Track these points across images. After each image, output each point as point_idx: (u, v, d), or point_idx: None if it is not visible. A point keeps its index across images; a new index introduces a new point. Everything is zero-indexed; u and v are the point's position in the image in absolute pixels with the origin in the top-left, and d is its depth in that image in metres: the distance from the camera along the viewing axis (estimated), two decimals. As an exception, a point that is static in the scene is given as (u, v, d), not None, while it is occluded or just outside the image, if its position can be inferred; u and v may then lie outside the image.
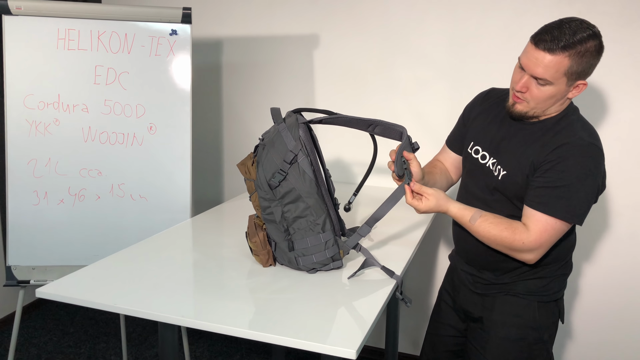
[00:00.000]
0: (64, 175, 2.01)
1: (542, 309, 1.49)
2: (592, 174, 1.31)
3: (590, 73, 1.32)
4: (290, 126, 1.40)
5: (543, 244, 1.34)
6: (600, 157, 1.33)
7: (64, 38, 1.94)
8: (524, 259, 1.38)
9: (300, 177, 1.37)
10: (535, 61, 1.28)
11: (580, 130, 1.34)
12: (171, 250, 1.58)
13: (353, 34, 2.40)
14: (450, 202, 1.42)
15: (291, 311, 1.22)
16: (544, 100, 1.33)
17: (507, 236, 1.34)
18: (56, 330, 2.86)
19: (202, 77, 2.70)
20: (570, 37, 1.24)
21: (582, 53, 1.25)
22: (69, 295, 1.28)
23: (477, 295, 1.57)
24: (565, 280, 1.53)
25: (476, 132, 1.55)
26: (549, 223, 1.32)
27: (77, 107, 1.98)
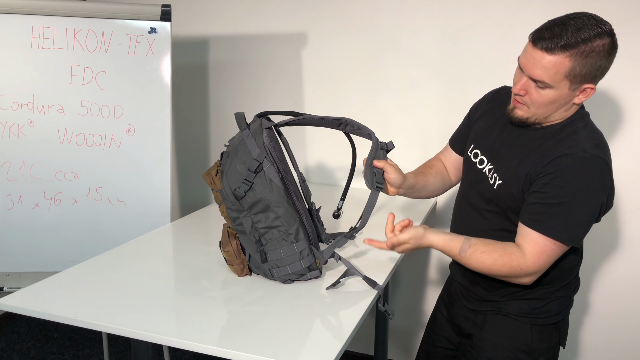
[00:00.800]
0: (39, 179, 1.94)
1: (537, 332, 1.37)
2: (595, 191, 1.17)
3: (601, 76, 1.17)
4: (255, 132, 1.33)
5: (541, 266, 1.23)
6: (605, 172, 1.18)
7: (38, 36, 1.87)
8: (521, 282, 1.28)
9: (267, 186, 1.29)
10: (533, 62, 1.16)
11: (585, 140, 1.20)
12: (145, 258, 1.51)
13: (342, 32, 2.33)
14: (433, 236, 1.29)
15: (264, 325, 1.15)
16: (544, 105, 1.20)
17: (503, 264, 1.22)
18: (40, 336, 2.80)
19: (187, 77, 2.63)
20: (572, 35, 1.11)
21: (587, 53, 1.11)
22: (29, 307, 1.21)
23: (469, 310, 1.48)
24: (567, 302, 1.40)
25: (477, 133, 1.43)
26: (547, 245, 1.20)
27: (53, 107, 1.91)
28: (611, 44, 1.14)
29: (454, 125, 1.64)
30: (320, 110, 2.44)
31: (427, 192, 1.55)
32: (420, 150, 2.30)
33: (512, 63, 2.09)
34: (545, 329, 1.38)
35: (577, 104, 1.22)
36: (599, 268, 2.12)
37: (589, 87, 1.17)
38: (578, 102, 1.21)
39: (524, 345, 1.37)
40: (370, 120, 2.36)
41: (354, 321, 1.18)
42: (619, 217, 2.06)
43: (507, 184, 1.29)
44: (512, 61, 2.09)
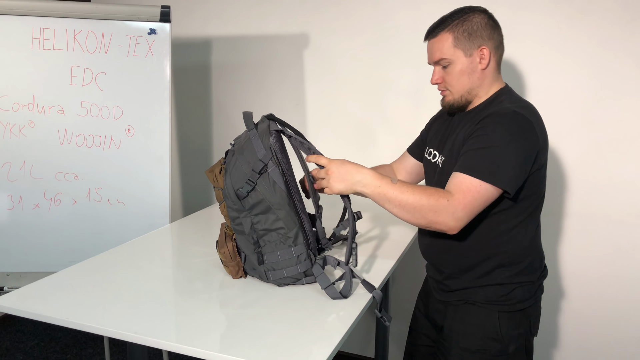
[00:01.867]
0: (39, 179, 1.95)
1: (504, 320, 1.40)
2: (515, 139, 1.25)
3: (491, 42, 1.34)
4: (262, 133, 1.32)
5: (467, 206, 1.22)
6: (526, 125, 1.27)
7: (38, 37, 1.88)
8: (448, 226, 1.23)
9: (270, 188, 1.28)
10: (430, 52, 1.40)
11: (507, 102, 1.34)
12: (142, 259, 1.51)
13: (344, 33, 2.32)
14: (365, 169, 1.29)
15: (257, 328, 1.14)
16: (457, 80, 1.37)
17: (431, 195, 1.23)
18: (43, 335, 2.81)
19: (190, 78, 2.63)
20: (446, 19, 1.36)
21: (461, 23, 1.33)
22: (21, 308, 1.21)
23: (441, 303, 1.52)
24: (533, 289, 1.42)
25: (431, 138, 1.57)
26: (473, 184, 1.23)
27: (53, 108, 1.92)
28: (485, 16, 1.35)
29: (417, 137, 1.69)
30: (322, 110, 2.43)
31: None
32: (422, 151, 2.28)
33: (514, 63, 2.07)
34: (513, 315, 1.40)
35: (484, 68, 1.36)
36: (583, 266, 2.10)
37: (483, 48, 1.34)
38: (484, 67, 1.36)
39: (493, 333, 1.40)
40: (372, 121, 2.34)
41: (346, 325, 1.17)
42: (625, 220, 2.04)
43: (448, 157, 1.40)
44: (515, 61, 2.07)
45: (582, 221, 2.08)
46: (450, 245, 1.42)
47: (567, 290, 2.15)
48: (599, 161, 2.02)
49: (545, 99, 2.05)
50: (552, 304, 2.18)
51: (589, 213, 2.07)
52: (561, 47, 2.00)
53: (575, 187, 2.07)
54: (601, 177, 2.03)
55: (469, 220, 1.25)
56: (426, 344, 1.62)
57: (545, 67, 2.03)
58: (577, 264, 2.12)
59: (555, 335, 2.20)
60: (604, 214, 2.05)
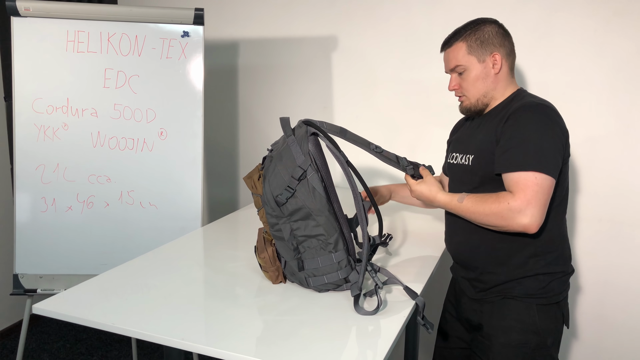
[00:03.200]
0: (72, 182, 1.95)
1: (542, 313, 1.43)
2: (548, 127, 1.32)
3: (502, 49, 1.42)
4: (300, 139, 1.30)
5: (531, 200, 1.27)
6: (552, 113, 1.35)
7: (73, 40, 1.88)
8: (522, 225, 1.28)
9: (309, 194, 1.26)
10: (446, 61, 1.49)
11: (530, 98, 1.40)
12: (178, 263, 1.50)
13: (373, 35, 2.30)
14: (440, 191, 1.43)
15: (300, 335, 1.13)
16: (473, 84, 1.44)
17: (493, 203, 1.30)
18: (69, 337, 2.82)
19: (217, 80, 2.63)
20: (460, 30, 1.44)
21: (473, 32, 1.42)
22: (66, 312, 1.21)
23: (476, 302, 1.52)
24: (566, 282, 1.47)
25: (453, 145, 1.62)
26: (528, 179, 1.28)
27: (86, 111, 1.93)
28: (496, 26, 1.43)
29: None
30: (350, 114, 2.41)
31: (418, 202, 1.79)
32: (453, 155, 2.25)
33: (548, 66, 2.03)
34: (550, 308, 1.43)
35: (497, 73, 1.44)
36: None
37: (495, 54, 1.42)
38: (497, 71, 1.43)
39: (532, 326, 1.42)
40: (402, 126, 2.32)
41: (393, 333, 1.15)
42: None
43: (478, 153, 1.44)
44: (547, 64, 2.03)
45: (615, 227, 2.03)
46: (481, 240, 1.44)
47: (599, 297, 2.11)
48: (631, 166, 1.98)
49: (578, 102, 2.01)
50: (585, 310, 2.14)
51: (621, 218, 2.02)
52: (596, 51, 1.97)
53: (608, 193, 2.03)
54: (635, 182, 1.98)
55: (543, 213, 1.28)
56: (459, 347, 1.63)
57: (580, 70, 2.00)
58: (610, 271, 2.07)
59: (584, 340, 2.16)
60: (637, 219, 2.00)
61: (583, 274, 2.12)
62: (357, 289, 1.25)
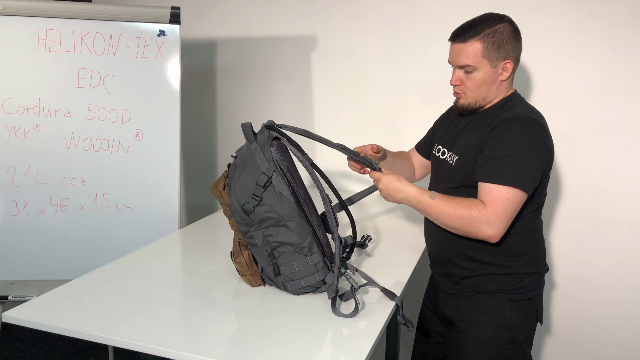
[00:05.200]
0: (45, 184, 1.90)
1: (515, 308, 1.45)
2: (533, 143, 1.33)
3: (513, 54, 1.40)
4: (263, 145, 1.26)
5: (499, 214, 1.30)
6: (539, 129, 1.35)
7: (44, 39, 1.83)
8: (486, 235, 1.32)
9: (277, 200, 1.24)
10: (455, 54, 1.41)
11: (520, 108, 1.40)
12: (155, 267, 1.47)
13: (352, 35, 2.29)
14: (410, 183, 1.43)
15: (278, 339, 1.11)
16: (477, 86, 1.41)
17: (464, 208, 1.33)
18: (43, 344, 2.75)
19: (195, 80, 2.59)
20: (477, 25, 1.37)
21: (492, 34, 1.36)
22: (38, 320, 1.17)
23: (451, 297, 1.54)
24: (540, 280, 1.50)
25: (439, 135, 1.62)
26: (501, 192, 1.31)
27: (59, 112, 1.87)
28: (512, 27, 1.40)
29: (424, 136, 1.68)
30: (330, 113, 2.40)
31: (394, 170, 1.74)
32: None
33: (526, 65, 2.05)
34: (523, 304, 1.46)
35: (504, 80, 1.42)
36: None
37: (507, 62, 1.39)
38: (504, 79, 1.41)
39: (505, 321, 1.44)
40: (382, 123, 2.32)
41: (374, 334, 1.14)
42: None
43: (463, 157, 1.44)
44: (526, 63, 2.05)
45: (594, 224, 2.06)
46: (454, 237, 1.45)
47: (576, 294, 2.13)
48: (609, 164, 2.00)
49: (556, 101, 2.03)
50: (562, 306, 2.16)
51: (600, 216, 2.05)
52: (573, 49, 1.99)
53: (586, 190, 2.05)
54: (612, 180, 2.01)
55: (507, 226, 1.33)
56: (437, 342, 1.65)
57: (556, 70, 2.02)
58: (587, 268, 2.10)
59: (560, 337, 2.19)
60: (615, 217, 2.03)
61: (560, 271, 2.15)
62: (333, 292, 1.24)
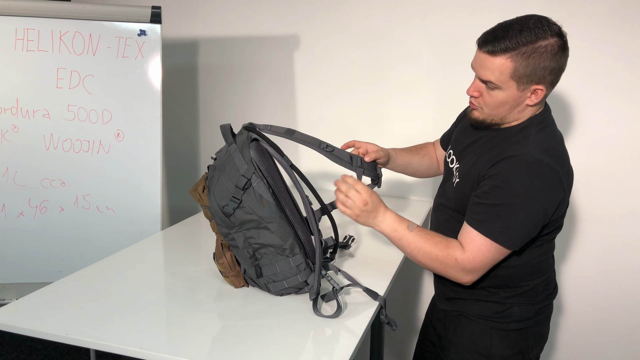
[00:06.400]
0: (23, 186, 1.87)
1: (497, 338, 1.34)
2: (535, 195, 1.15)
3: (550, 77, 1.17)
4: (242, 146, 1.26)
5: (477, 265, 1.20)
6: (548, 178, 1.16)
7: (22, 38, 1.80)
8: (460, 281, 1.24)
9: (257, 202, 1.23)
10: (480, 63, 1.20)
11: (534, 144, 1.19)
12: (137, 269, 1.46)
13: (335, 34, 2.29)
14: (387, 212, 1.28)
15: (262, 340, 1.11)
16: (496, 106, 1.22)
17: (440, 250, 1.22)
18: (23, 347, 2.71)
19: (176, 80, 2.57)
20: (513, 38, 1.14)
21: (529, 54, 1.13)
22: (16, 324, 1.15)
23: (442, 311, 1.48)
24: (533, 310, 1.34)
25: (455, 136, 1.47)
26: (484, 244, 1.19)
27: (38, 112, 1.84)
28: (558, 45, 1.15)
29: (448, 126, 1.65)
30: (313, 113, 2.40)
31: (411, 170, 1.62)
32: (415, 154, 2.27)
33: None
34: (508, 334, 1.34)
35: (531, 105, 1.22)
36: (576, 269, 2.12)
37: (539, 88, 1.18)
38: (531, 104, 1.21)
39: (483, 349, 1.35)
40: (364, 123, 2.32)
41: (357, 334, 1.14)
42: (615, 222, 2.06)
43: (461, 182, 1.31)
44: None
45: (573, 222, 2.09)
46: None
47: (560, 290, 2.16)
48: (589, 162, 2.03)
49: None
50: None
51: (580, 213, 2.08)
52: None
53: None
54: (592, 177, 2.04)
55: (481, 274, 1.24)
56: (431, 351, 1.59)
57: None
58: (568, 263, 2.13)
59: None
60: (595, 214, 2.07)
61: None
62: (314, 293, 1.23)
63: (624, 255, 2.06)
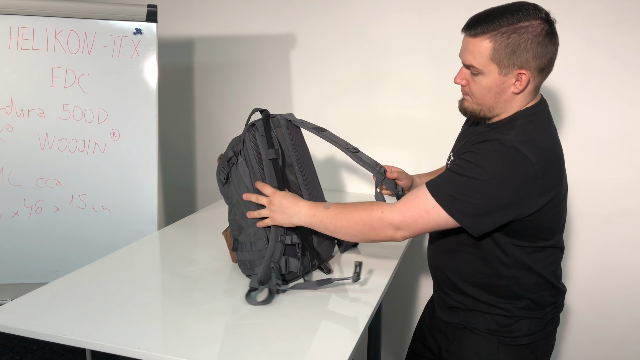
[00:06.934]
0: (18, 186, 1.85)
1: (504, 352, 1.26)
2: (500, 180, 1.08)
3: (535, 63, 1.11)
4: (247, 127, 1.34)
5: (408, 220, 1.14)
6: (520, 168, 1.08)
7: (17, 37, 1.78)
8: (388, 236, 1.18)
9: (236, 182, 1.32)
10: (463, 48, 1.18)
11: (516, 133, 1.12)
12: (134, 269, 1.45)
13: (332, 33, 2.29)
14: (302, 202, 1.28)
15: (262, 339, 1.10)
16: (481, 93, 1.18)
17: (363, 209, 1.19)
18: (18, 348, 2.69)
19: (172, 79, 2.56)
20: (495, 19, 1.10)
21: (508, 34, 1.09)
22: (12, 325, 1.14)
23: (443, 322, 1.40)
24: (542, 323, 1.27)
25: (455, 142, 1.44)
26: (426, 202, 1.12)
27: (33, 112, 1.83)
28: (542, 29, 1.10)
29: (446, 126, 1.63)
30: (310, 112, 2.39)
31: None
32: (413, 153, 2.27)
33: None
34: (515, 349, 1.27)
35: (517, 93, 1.16)
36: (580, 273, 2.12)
37: (522, 72, 1.12)
38: (517, 91, 1.16)
39: None
40: (360, 123, 2.32)
41: (356, 332, 1.14)
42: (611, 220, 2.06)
43: None
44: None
45: (569, 220, 2.10)
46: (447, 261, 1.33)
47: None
48: (584, 161, 2.04)
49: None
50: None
51: (575, 213, 2.09)
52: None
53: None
54: (587, 177, 2.05)
55: (412, 233, 1.17)
56: (428, 356, 1.53)
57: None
58: (564, 261, 2.14)
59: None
60: (591, 213, 2.07)
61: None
62: (256, 282, 1.25)
63: (620, 254, 2.07)
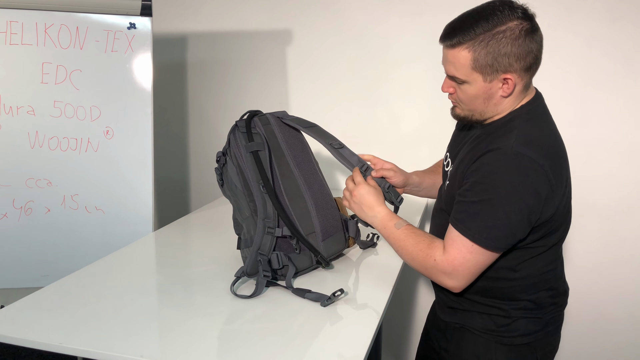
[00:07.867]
0: (7, 186, 1.78)
1: (502, 352, 1.24)
2: (515, 191, 1.07)
3: (518, 64, 1.09)
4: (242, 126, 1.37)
5: (458, 268, 1.12)
6: (530, 172, 1.07)
7: (5, 31, 1.72)
8: (446, 285, 1.17)
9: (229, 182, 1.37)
10: (443, 59, 1.17)
11: (516, 137, 1.10)
12: (130, 272, 1.39)
13: (329, 29, 2.24)
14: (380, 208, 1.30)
15: (266, 344, 1.05)
16: (469, 101, 1.17)
17: (420, 250, 1.18)
18: (6, 355, 2.61)
19: (165, 76, 2.50)
20: (470, 27, 1.08)
21: (486, 42, 1.07)
22: (3, 332, 1.08)
23: (442, 322, 1.38)
24: (541, 323, 1.25)
25: (451, 140, 1.41)
26: (464, 245, 1.11)
27: (22, 109, 1.76)
28: (521, 29, 1.07)
29: (443, 123, 1.61)
30: (307, 110, 2.35)
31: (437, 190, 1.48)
32: (410, 150, 2.24)
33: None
34: (514, 349, 1.25)
35: (505, 96, 1.14)
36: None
37: (508, 77, 1.10)
38: (505, 95, 1.14)
39: None
40: (357, 119, 2.28)
41: (368, 335, 1.10)
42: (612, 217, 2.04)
43: (450, 184, 1.25)
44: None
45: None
46: None
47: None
48: (586, 158, 2.02)
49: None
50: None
51: (576, 209, 2.06)
52: (549, 46, 1.99)
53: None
54: (588, 173, 2.03)
55: (470, 279, 1.16)
56: (432, 357, 1.49)
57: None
58: (565, 258, 2.11)
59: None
60: (592, 209, 2.05)
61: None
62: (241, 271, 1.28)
63: (621, 251, 2.05)
